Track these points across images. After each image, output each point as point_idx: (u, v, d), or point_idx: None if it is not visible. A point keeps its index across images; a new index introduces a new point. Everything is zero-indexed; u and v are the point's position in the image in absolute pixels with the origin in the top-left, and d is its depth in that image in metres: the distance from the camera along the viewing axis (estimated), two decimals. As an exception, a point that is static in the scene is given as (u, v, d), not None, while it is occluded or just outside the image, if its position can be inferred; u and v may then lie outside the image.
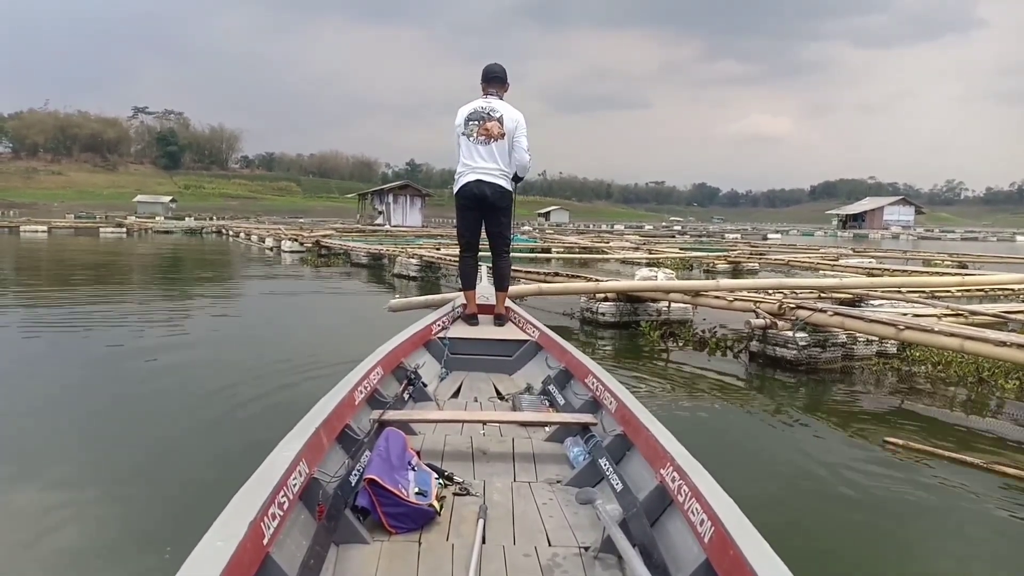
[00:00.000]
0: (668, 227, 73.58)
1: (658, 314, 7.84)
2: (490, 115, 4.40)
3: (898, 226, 78.99)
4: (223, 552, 1.37)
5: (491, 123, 4.38)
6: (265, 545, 1.54)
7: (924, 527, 3.03)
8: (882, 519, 3.04)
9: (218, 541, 1.41)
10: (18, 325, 7.69)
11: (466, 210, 4.60)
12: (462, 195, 4.52)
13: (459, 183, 4.52)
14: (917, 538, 2.95)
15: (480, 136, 4.40)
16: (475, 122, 4.41)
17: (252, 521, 1.50)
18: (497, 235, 4.70)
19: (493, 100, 4.49)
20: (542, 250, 19.68)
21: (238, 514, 1.51)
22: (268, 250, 23.28)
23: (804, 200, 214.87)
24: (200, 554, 1.36)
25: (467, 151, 4.44)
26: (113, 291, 11.43)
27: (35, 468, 3.40)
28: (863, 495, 3.28)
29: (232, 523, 1.48)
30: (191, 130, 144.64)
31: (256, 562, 1.49)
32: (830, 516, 3.09)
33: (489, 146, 4.40)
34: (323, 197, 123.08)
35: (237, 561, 1.38)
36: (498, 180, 4.46)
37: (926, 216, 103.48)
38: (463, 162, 4.48)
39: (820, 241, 42.58)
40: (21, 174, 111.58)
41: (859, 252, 19.94)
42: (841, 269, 13.15)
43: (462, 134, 4.46)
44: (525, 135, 4.49)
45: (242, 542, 1.42)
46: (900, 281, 8.60)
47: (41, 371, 5.43)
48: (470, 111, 4.46)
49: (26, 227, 38.75)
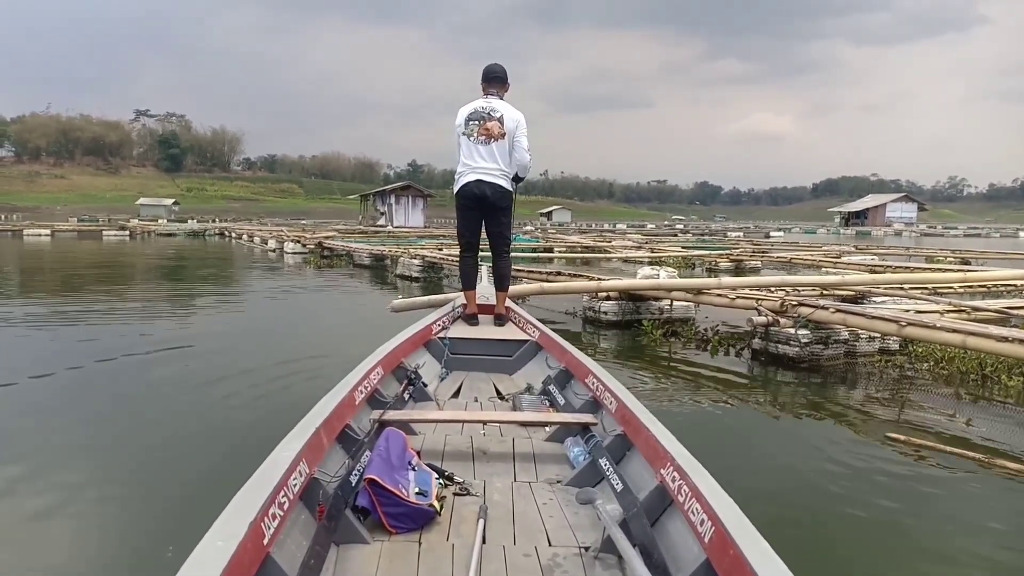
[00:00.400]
0: (670, 226, 73.57)
1: (660, 313, 7.84)
2: (490, 115, 4.39)
3: (901, 223, 78.85)
4: (223, 552, 1.37)
5: (491, 123, 4.37)
6: (265, 545, 1.54)
7: (927, 522, 3.03)
8: (885, 514, 3.04)
9: (218, 541, 1.41)
10: (24, 326, 7.72)
11: (466, 210, 4.59)
12: (462, 195, 4.51)
13: (459, 183, 4.51)
14: (920, 532, 2.95)
15: (480, 136, 4.38)
16: (475, 122, 4.40)
17: (252, 521, 1.50)
18: (497, 235, 4.69)
19: (493, 100, 4.47)
20: (544, 250, 19.71)
21: (238, 514, 1.51)
22: (271, 252, 23.30)
23: (806, 198, 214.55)
24: (200, 554, 1.36)
25: (467, 151, 4.43)
26: (117, 294, 11.45)
27: (39, 468, 3.42)
28: (865, 490, 3.29)
29: (232, 523, 1.48)
30: (193, 132, 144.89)
31: (256, 562, 1.48)
32: (833, 511, 3.09)
33: (489, 146, 4.39)
34: (325, 198, 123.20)
35: (237, 561, 1.38)
36: (498, 180, 4.45)
37: (929, 213, 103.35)
38: (463, 162, 4.47)
39: (822, 239, 42.49)
40: (24, 178, 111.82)
41: (861, 249, 19.90)
42: (843, 266, 13.14)
43: (462, 134, 4.45)
44: (526, 135, 4.48)
45: (242, 542, 1.42)
46: (902, 278, 8.60)
47: (46, 372, 5.44)
48: (470, 111, 4.44)
49: (29, 231, 38.90)
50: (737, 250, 18.86)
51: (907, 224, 78.45)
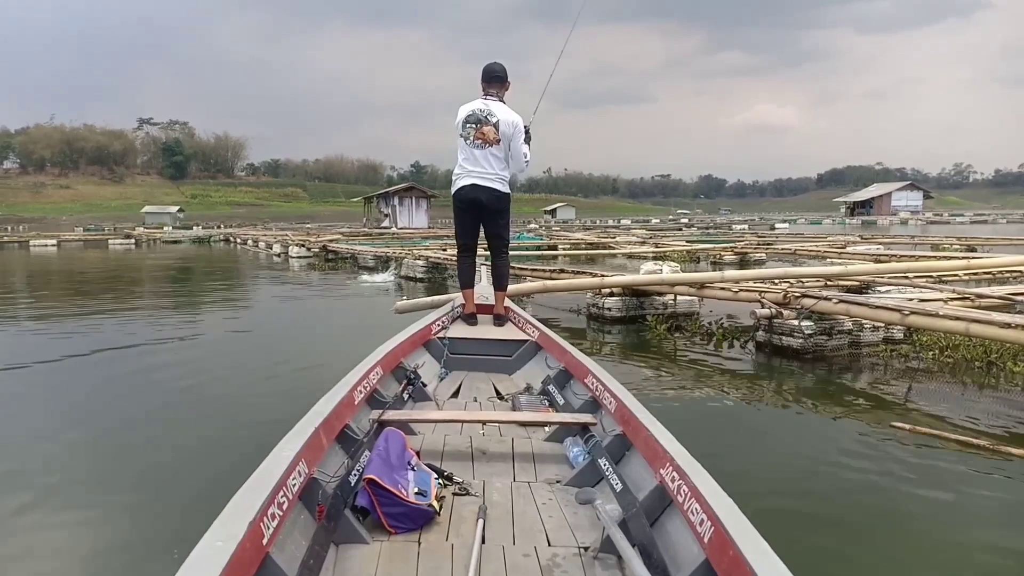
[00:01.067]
0: (675, 220, 73.42)
1: (664, 307, 7.85)
2: (487, 119, 4.37)
3: (906, 211, 78.39)
4: (223, 552, 1.37)
5: (487, 128, 4.35)
6: (265, 545, 1.54)
7: (932, 510, 3.03)
8: (889, 502, 3.05)
9: (218, 541, 1.41)
10: (31, 333, 7.77)
11: (463, 213, 4.61)
12: (459, 198, 4.53)
13: (456, 186, 4.52)
14: (925, 520, 2.95)
15: (476, 140, 4.38)
16: (472, 125, 4.39)
17: (252, 521, 1.50)
18: (495, 236, 4.70)
19: (492, 102, 4.44)
20: (548, 248, 19.69)
21: (238, 514, 1.51)
22: (276, 256, 23.39)
23: (811, 188, 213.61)
24: (200, 554, 1.36)
25: (464, 154, 4.44)
26: (124, 301, 11.53)
27: (51, 471, 3.46)
28: (869, 479, 3.29)
29: (232, 523, 1.48)
30: (196, 139, 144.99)
31: (256, 562, 1.48)
32: (837, 500, 3.09)
33: (485, 150, 4.39)
34: (329, 202, 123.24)
35: (237, 561, 1.38)
36: (494, 184, 4.44)
37: (935, 200, 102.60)
38: (460, 164, 4.48)
39: (828, 229, 42.39)
40: (29, 189, 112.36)
41: (866, 239, 19.87)
42: (848, 257, 13.08)
43: (460, 135, 4.45)
44: (523, 138, 4.47)
45: (242, 542, 1.43)
46: (906, 267, 8.56)
47: (56, 378, 5.49)
48: (468, 112, 4.42)
49: (35, 241, 39.11)
50: (741, 243, 18.82)
51: (913, 212, 78.01)
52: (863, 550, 2.67)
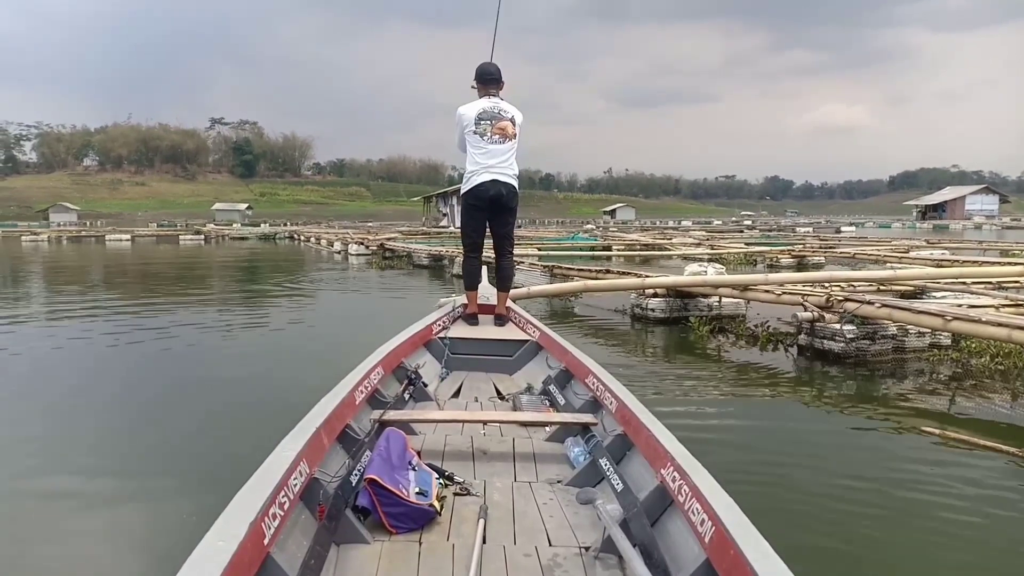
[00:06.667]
0: (738, 222, 72.09)
1: (709, 309, 7.82)
2: (501, 115, 4.35)
3: (981, 215, 75.27)
4: (224, 552, 1.37)
5: (504, 122, 4.33)
6: (266, 545, 1.55)
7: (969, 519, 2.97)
8: (922, 508, 3.04)
9: (219, 541, 1.41)
10: (111, 325, 8.19)
11: (476, 210, 4.51)
12: (475, 195, 4.40)
13: (472, 182, 4.38)
14: (962, 526, 2.90)
15: (495, 135, 4.32)
16: (487, 121, 4.33)
17: (253, 521, 1.50)
18: (503, 236, 4.65)
19: (499, 101, 4.42)
20: (603, 248, 19.64)
21: (239, 514, 1.52)
22: (336, 254, 23.93)
23: (883, 191, 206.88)
24: (201, 554, 1.37)
25: (482, 150, 4.33)
26: (194, 293, 12.14)
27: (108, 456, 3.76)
28: (902, 484, 3.28)
29: (233, 523, 1.48)
30: (265, 139, 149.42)
31: (257, 562, 1.49)
32: (870, 504, 3.08)
33: (504, 145, 4.35)
34: (392, 201, 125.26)
35: (237, 561, 1.38)
36: (511, 180, 4.40)
37: (1013, 204, 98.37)
38: (476, 160, 4.36)
39: (896, 233, 40.95)
40: (107, 185, 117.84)
41: (933, 243, 19.19)
42: (910, 261, 12.72)
43: (474, 132, 4.35)
44: None
45: (243, 542, 1.43)
46: (959, 272, 8.30)
47: (127, 363, 5.86)
48: (479, 110, 4.35)
49: (111, 236, 40.92)
50: (799, 246, 18.43)
51: (988, 217, 74.82)
52: (893, 554, 2.67)
